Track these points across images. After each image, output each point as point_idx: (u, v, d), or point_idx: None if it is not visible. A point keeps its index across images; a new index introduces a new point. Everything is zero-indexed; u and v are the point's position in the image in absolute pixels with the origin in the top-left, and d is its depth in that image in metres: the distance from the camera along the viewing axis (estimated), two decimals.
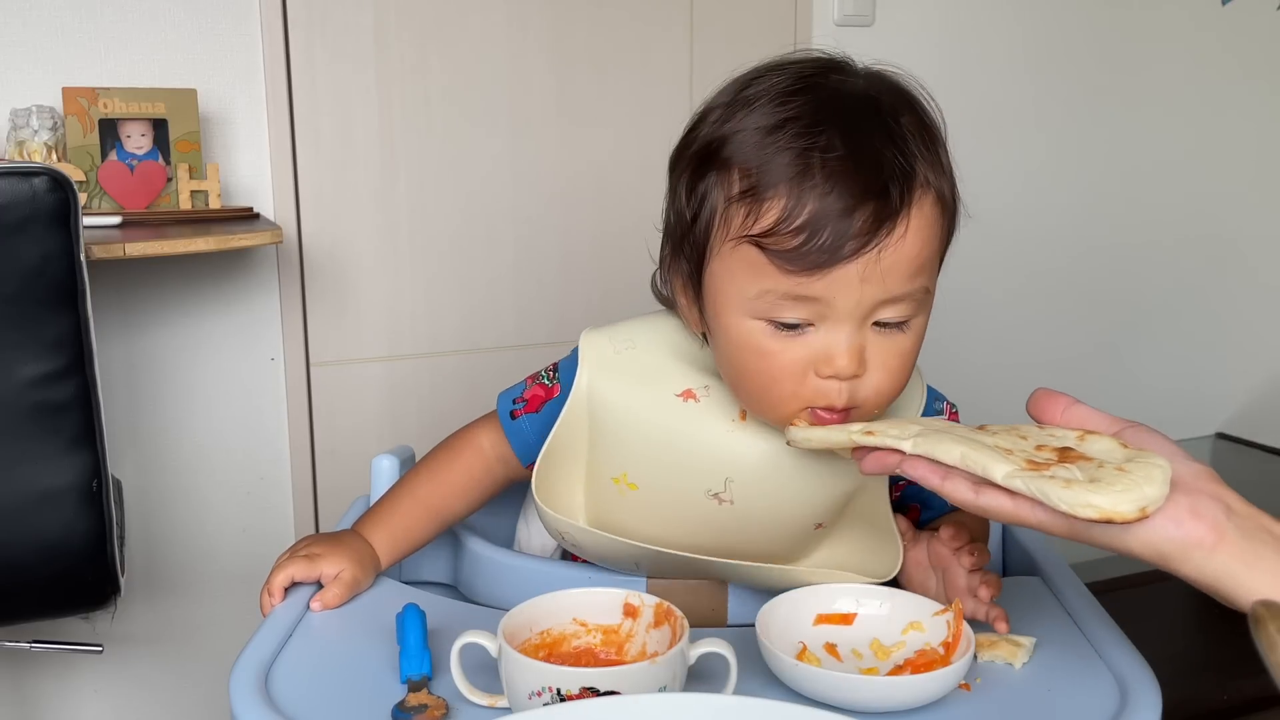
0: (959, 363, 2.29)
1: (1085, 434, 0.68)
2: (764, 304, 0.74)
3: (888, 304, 0.74)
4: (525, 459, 0.92)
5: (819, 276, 0.72)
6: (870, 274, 0.72)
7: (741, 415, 0.82)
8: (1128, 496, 0.60)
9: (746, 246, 0.73)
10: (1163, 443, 0.67)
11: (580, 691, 0.64)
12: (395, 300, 1.82)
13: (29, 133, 1.48)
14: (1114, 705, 0.70)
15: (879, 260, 0.72)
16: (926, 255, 0.75)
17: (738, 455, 0.82)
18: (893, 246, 0.72)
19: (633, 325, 0.88)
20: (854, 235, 0.71)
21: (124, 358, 1.67)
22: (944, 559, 0.81)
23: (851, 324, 0.74)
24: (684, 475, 0.83)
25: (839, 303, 0.73)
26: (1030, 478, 0.62)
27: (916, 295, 0.75)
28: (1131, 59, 2.32)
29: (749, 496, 0.82)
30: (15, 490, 1.10)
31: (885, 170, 0.72)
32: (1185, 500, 0.62)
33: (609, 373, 0.85)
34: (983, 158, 2.22)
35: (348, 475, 1.81)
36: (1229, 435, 2.56)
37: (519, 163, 1.86)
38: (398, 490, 0.95)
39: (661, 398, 0.83)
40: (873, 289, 0.72)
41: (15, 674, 1.70)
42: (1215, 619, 0.66)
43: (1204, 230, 2.48)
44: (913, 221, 0.73)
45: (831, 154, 0.72)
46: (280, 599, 0.84)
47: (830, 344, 0.74)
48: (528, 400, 0.92)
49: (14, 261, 1.05)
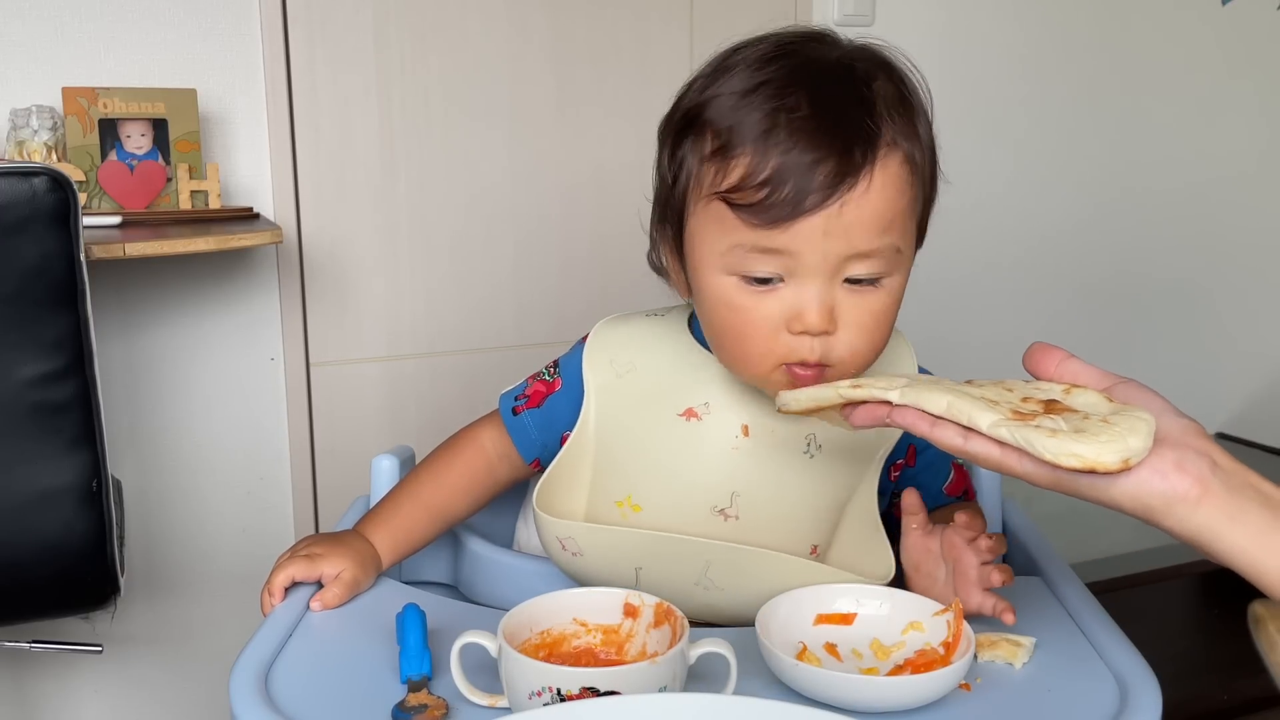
0: (958, 361, 2.28)
1: (1072, 388, 0.68)
2: (734, 259, 0.76)
3: (855, 259, 0.75)
4: (528, 455, 0.92)
5: (783, 229, 0.74)
6: (833, 228, 0.74)
7: (744, 430, 0.82)
8: (1111, 447, 0.60)
9: (717, 203, 0.76)
10: (1151, 398, 0.66)
11: (580, 691, 0.64)
12: (395, 300, 1.82)
13: (29, 133, 1.48)
14: (1114, 705, 0.70)
15: (841, 214, 0.73)
16: (892, 213, 0.76)
17: (744, 469, 0.82)
18: (855, 201, 0.74)
19: (636, 336, 0.89)
20: (815, 189, 0.73)
21: (124, 358, 1.67)
22: (956, 549, 0.80)
23: (820, 279, 0.75)
24: (689, 493, 0.83)
25: (805, 256, 0.74)
26: (1016, 427, 0.62)
27: (885, 253, 0.76)
28: (1131, 58, 2.32)
29: (755, 511, 0.82)
30: (15, 490, 1.10)
31: (849, 128, 0.74)
32: (1171, 454, 0.61)
33: (612, 399, 0.86)
34: (982, 156, 2.22)
35: (348, 475, 1.81)
36: (1229, 435, 2.56)
37: (519, 162, 1.86)
38: (399, 490, 0.94)
39: (664, 418, 0.84)
40: (836, 243, 0.74)
41: (15, 674, 1.70)
42: (1215, 619, 0.67)
43: (1204, 230, 2.48)
44: (876, 178, 0.74)
45: (797, 113, 0.74)
46: (280, 599, 0.84)
47: (800, 299, 0.76)
48: (529, 396, 0.92)
49: (14, 261, 1.05)
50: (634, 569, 0.83)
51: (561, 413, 0.90)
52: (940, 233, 0.91)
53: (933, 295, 2.25)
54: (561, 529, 0.84)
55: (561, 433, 0.90)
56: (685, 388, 0.85)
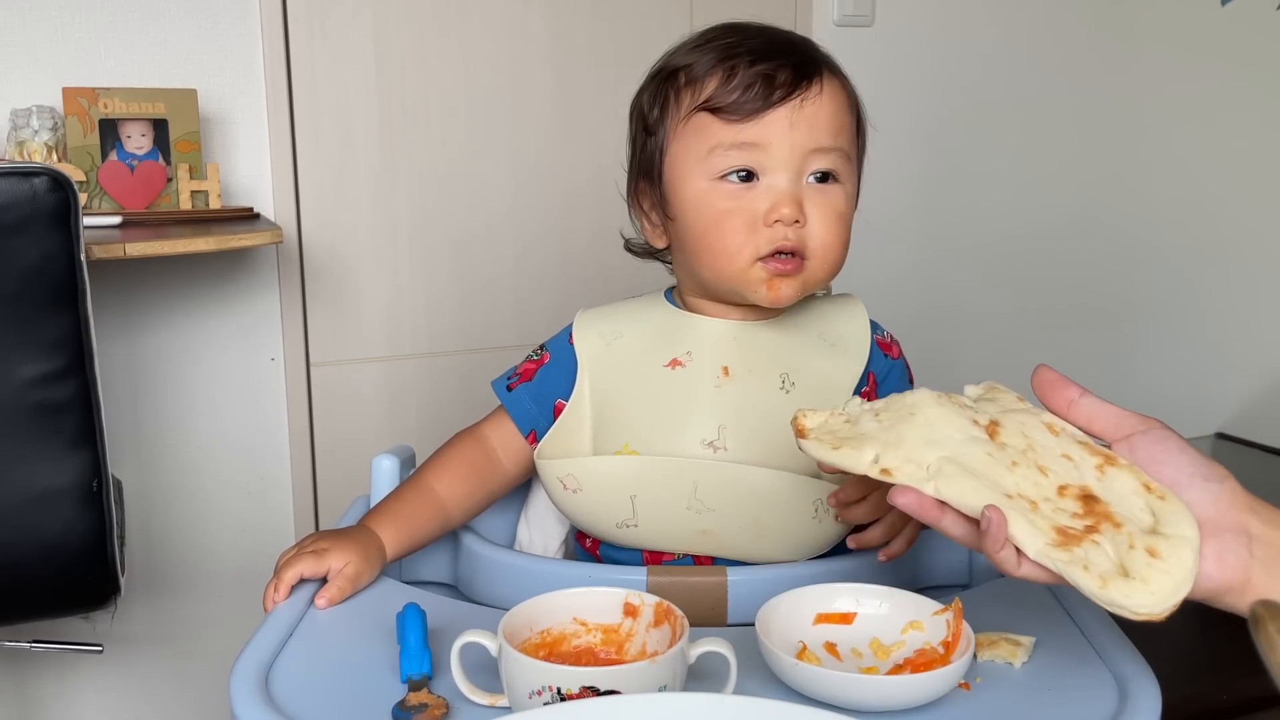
0: (959, 362, 2.29)
1: (1104, 464, 0.67)
2: (714, 160, 0.88)
3: (816, 154, 0.87)
4: (524, 428, 0.97)
5: (755, 121, 0.86)
6: (797, 119, 0.86)
7: (724, 371, 0.91)
8: (1158, 598, 0.62)
9: (697, 115, 0.88)
10: (1177, 455, 0.66)
11: (580, 691, 0.64)
12: (395, 300, 1.82)
13: (29, 133, 1.48)
14: (1114, 705, 0.70)
15: (802, 108, 0.87)
16: (840, 122, 0.89)
17: (727, 405, 0.90)
18: (812, 100, 0.87)
19: (618, 314, 0.97)
20: (779, 86, 0.86)
21: (124, 358, 1.67)
22: None
23: (788, 172, 0.87)
24: (680, 430, 0.90)
25: (774, 148, 0.86)
26: (1064, 562, 0.63)
27: (839, 155, 0.88)
28: (1131, 59, 2.32)
29: (741, 441, 0.89)
30: (15, 490, 1.10)
31: (800, 51, 0.89)
32: (1210, 547, 0.63)
33: (604, 364, 0.94)
34: (981, 157, 2.22)
35: (348, 475, 1.81)
36: (1229, 435, 2.56)
37: (519, 163, 1.86)
38: (402, 487, 0.97)
39: (652, 372, 0.92)
40: (800, 134, 0.86)
41: (15, 674, 1.70)
42: (1215, 619, 0.66)
43: (1204, 230, 2.48)
44: (826, 87, 0.88)
45: (754, 40, 0.89)
46: (286, 596, 0.84)
47: (773, 192, 0.87)
48: (521, 373, 0.99)
49: (14, 261, 1.05)
50: (629, 497, 0.89)
51: (552, 381, 0.96)
52: (940, 232, 0.93)
53: (933, 294, 2.25)
54: (560, 468, 0.91)
55: (554, 400, 0.95)
56: (668, 343, 0.93)
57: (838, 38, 1.99)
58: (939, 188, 2.19)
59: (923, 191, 2.17)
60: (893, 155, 2.09)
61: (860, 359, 0.94)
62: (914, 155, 2.13)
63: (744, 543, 0.88)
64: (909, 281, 2.19)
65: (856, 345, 0.94)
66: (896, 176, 2.13)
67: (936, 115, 2.16)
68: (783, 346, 0.93)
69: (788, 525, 0.88)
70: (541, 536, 1.03)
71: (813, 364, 0.92)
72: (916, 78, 2.13)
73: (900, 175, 2.14)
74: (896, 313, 1.74)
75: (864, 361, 0.94)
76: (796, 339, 0.93)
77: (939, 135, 2.17)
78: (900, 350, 0.98)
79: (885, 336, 0.97)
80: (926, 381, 0.86)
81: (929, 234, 2.19)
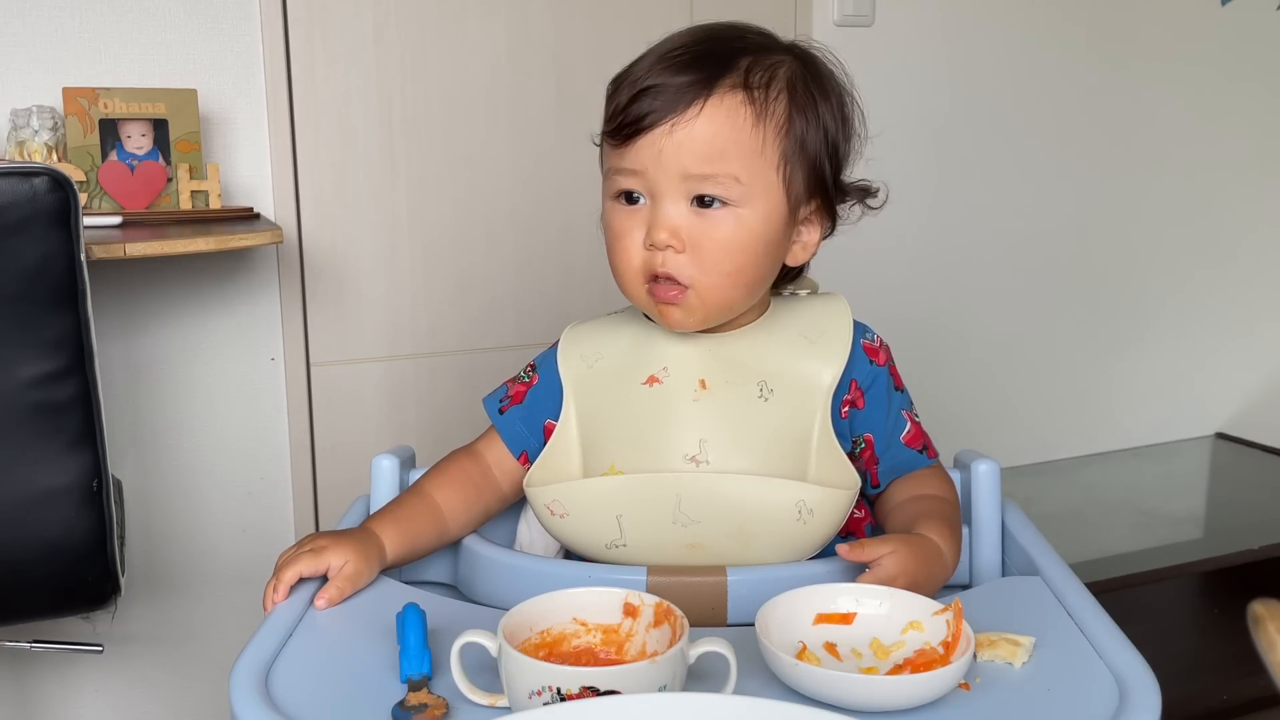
0: (960, 362, 2.29)
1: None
2: (610, 183, 0.90)
3: (695, 180, 0.86)
4: (515, 449, 0.98)
5: (630, 146, 0.87)
6: (665, 145, 0.85)
7: (701, 384, 0.91)
8: None
9: (604, 140, 0.90)
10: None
11: (580, 691, 0.64)
12: (395, 300, 1.82)
13: (29, 133, 1.48)
14: (1113, 705, 0.70)
15: (672, 133, 0.85)
16: (724, 144, 0.86)
17: (706, 415, 0.90)
18: (685, 125, 0.85)
19: (600, 332, 0.98)
20: (652, 111, 0.86)
21: (124, 358, 1.67)
22: None
23: (669, 198, 0.87)
24: (661, 447, 0.90)
25: (650, 173, 0.86)
26: None
27: (724, 180, 0.86)
28: (1131, 58, 2.32)
29: (722, 452, 0.89)
30: (15, 490, 1.10)
31: (697, 70, 0.86)
32: None
33: (587, 387, 0.95)
34: (981, 157, 2.22)
35: (348, 475, 1.81)
36: (1229, 435, 2.56)
37: (519, 163, 1.86)
38: (402, 495, 0.97)
39: (631, 390, 0.93)
40: (669, 160, 0.85)
41: (15, 674, 1.70)
42: (1215, 619, 0.66)
43: (1203, 230, 2.48)
44: (708, 109, 0.85)
45: (664, 58, 0.88)
46: (285, 595, 0.84)
47: (654, 216, 0.87)
48: (512, 396, 0.99)
49: (14, 261, 1.05)
50: (615, 517, 0.89)
51: (541, 403, 0.97)
52: (940, 232, 0.93)
53: (933, 294, 2.25)
54: (547, 494, 0.91)
55: (543, 421, 0.97)
56: (645, 360, 0.94)
57: (838, 38, 1.99)
58: (939, 188, 2.19)
59: (922, 191, 2.17)
60: (892, 155, 2.09)
61: (840, 357, 0.93)
62: (914, 155, 2.13)
63: (732, 551, 0.88)
64: (909, 281, 2.19)
65: (837, 342, 0.93)
66: (896, 177, 2.12)
67: (936, 115, 2.16)
68: (759, 354, 0.92)
69: (773, 529, 0.88)
70: (542, 537, 1.03)
71: (791, 367, 0.92)
72: (916, 78, 2.13)
73: (900, 175, 2.13)
74: (895, 312, 1.74)
75: (844, 360, 0.93)
76: (774, 342, 0.93)
77: (939, 135, 2.17)
78: (888, 356, 0.97)
79: (874, 340, 0.96)
80: (925, 381, 0.86)
81: (928, 234, 2.19)
